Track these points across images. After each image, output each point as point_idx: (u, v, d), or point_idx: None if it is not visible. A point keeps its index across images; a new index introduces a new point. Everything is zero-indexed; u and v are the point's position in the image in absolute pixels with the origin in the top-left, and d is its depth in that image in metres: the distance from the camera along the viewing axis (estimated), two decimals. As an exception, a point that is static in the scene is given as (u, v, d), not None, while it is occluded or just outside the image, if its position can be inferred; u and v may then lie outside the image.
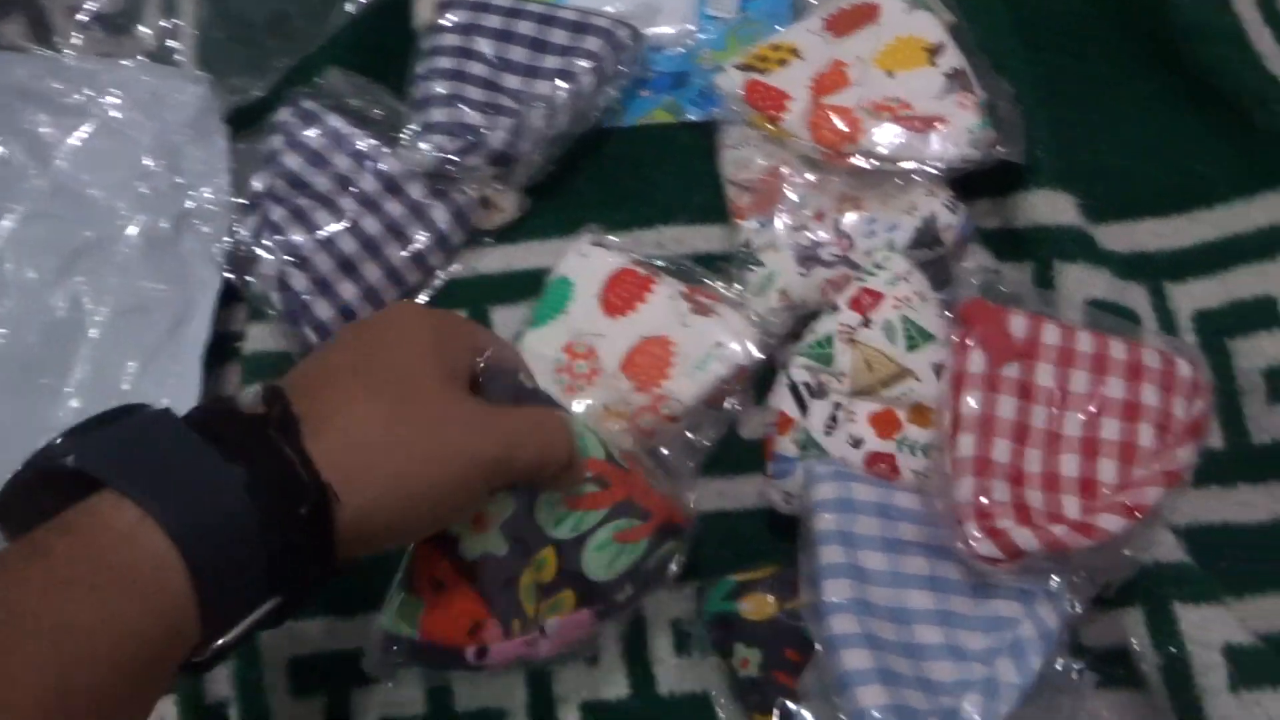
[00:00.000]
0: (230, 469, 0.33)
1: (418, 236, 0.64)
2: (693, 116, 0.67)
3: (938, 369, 0.54)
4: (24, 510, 0.34)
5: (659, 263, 0.62)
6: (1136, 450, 0.50)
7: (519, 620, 0.45)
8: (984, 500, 0.49)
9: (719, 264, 0.62)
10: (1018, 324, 0.53)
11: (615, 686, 0.54)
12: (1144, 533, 0.50)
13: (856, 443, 0.54)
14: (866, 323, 0.55)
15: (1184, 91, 0.63)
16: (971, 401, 0.51)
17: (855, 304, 0.56)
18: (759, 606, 0.52)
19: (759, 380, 0.59)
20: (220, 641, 0.34)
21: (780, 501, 0.55)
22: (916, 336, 0.54)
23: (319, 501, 0.35)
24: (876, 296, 0.55)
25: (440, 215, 0.64)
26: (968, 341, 0.53)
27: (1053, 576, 0.48)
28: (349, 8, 0.69)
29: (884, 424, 0.54)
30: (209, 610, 0.33)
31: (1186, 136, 0.62)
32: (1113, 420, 0.51)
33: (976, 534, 0.48)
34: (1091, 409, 0.52)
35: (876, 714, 0.44)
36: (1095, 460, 0.51)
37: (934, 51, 0.60)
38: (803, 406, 0.55)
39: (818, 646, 0.46)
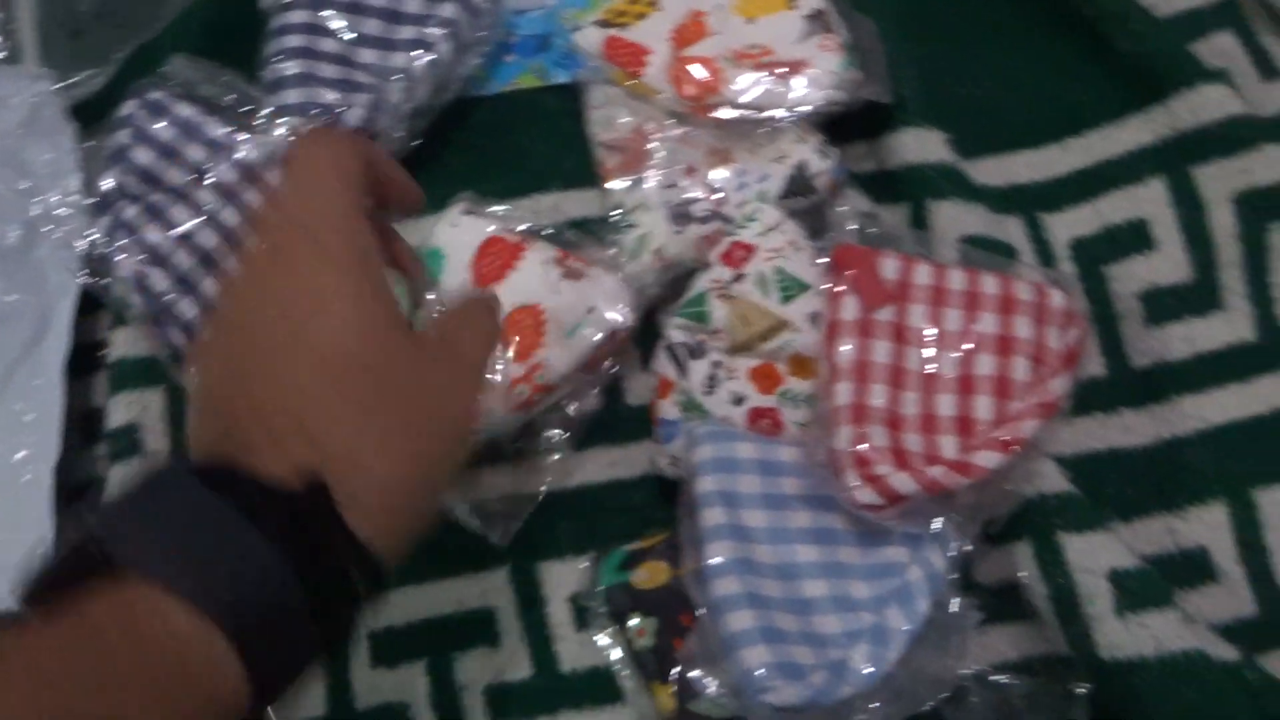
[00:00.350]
0: (275, 552, 0.32)
1: (283, 224, 0.61)
2: (560, 79, 0.65)
3: (815, 318, 0.53)
4: (53, 589, 0.31)
5: (533, 229, 0.60)
6: (1012, 384, 0.50)
7: None
8: (861, 447, 0.48)
9: (594, 228, 0.60)
10: (889, 266, 0.52)
11: (518, 668, 0.54)
12: (1024, 466, 0.50)
13: (738, 400, 0.53)
14: (739, 277, 0.54)
15: (1048, 19, 0.62)
16: (846, 349, 0.50)
17: (727, 258, 0.55)
18: (652, 574, 0.51)
19: (646, 344, 0.58)
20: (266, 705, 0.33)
21: (666, 466, 0.54)
22: (791, 287, 0.53)
23: (368, 570, 0.34)
24: (749, 249, 0.54)
25: (304, 200, 0.61)
26: (840, 288, 0.52)
27: (936, 519, 0.48)
28: (193, -11, 0.66)
29: (764, 379, 0.53)
30: (261, 690, 0.32)
31: (1053, 64, 0.62)
32: (987, 356, 0.51)
33: (855, 481, 0.47)
34: (966, 347, 0.51)
35: (762, 673, 0.43)
36: (971, 398, 0.50)
37: (793, -6, 0.58)
38: (681, 368, 0.54)
39: (701, 611, 0.46)
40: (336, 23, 0.62)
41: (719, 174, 0.58)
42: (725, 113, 0.57)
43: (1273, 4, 0.59)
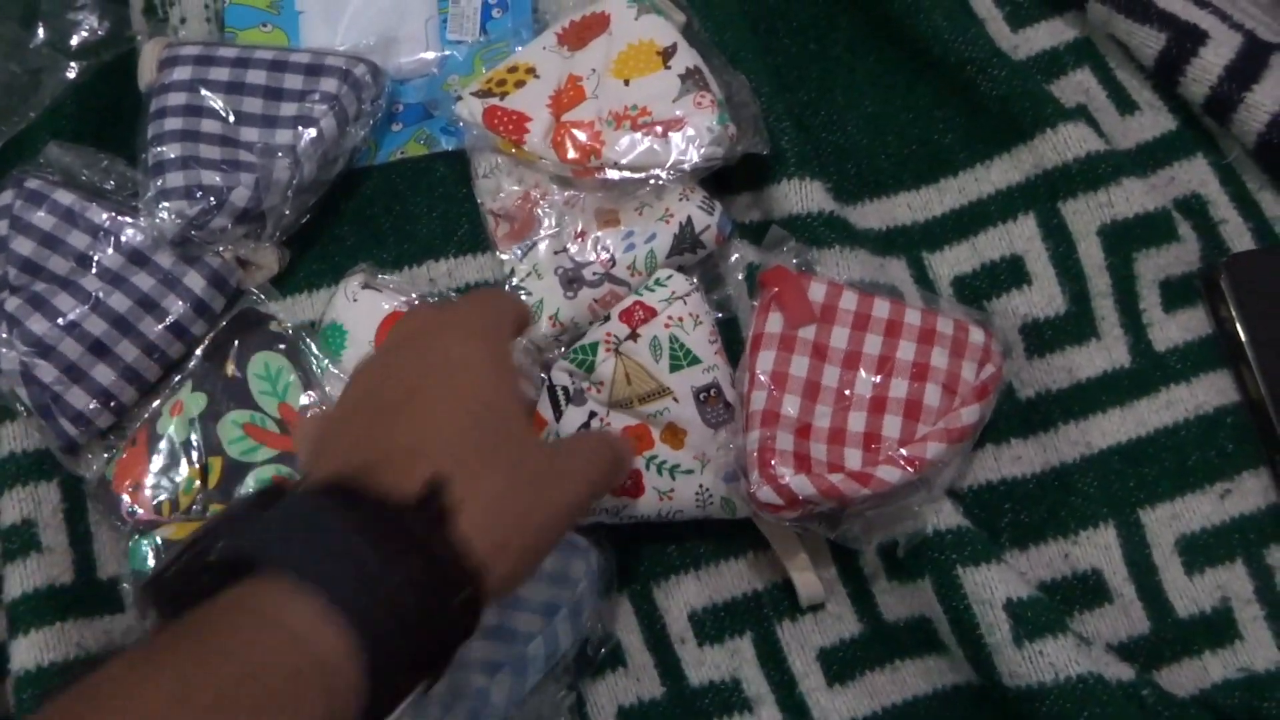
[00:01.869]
0: (396, 563, 0.33)
1: (174, 307, 0.61)
2: (447, 146, 0.65)
3: (697, 393, 0.53)
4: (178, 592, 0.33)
5: (428, 298, 0.60)
6: (922, 408, 0.52)
7: None
8: (767, 450, 0.50)
9: (489, 294, 0.61)
10: (817, 290, 0.54)
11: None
12: (926, 489, 0.52)
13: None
14: (634, 336, 0.55)
15: (911, 65, 0.64)
16: (765, 360, 0.52)
17: (626, 316, 0.55)
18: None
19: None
20: None
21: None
22: (681, 358, 0.54)
23: (473, 593, 0.35)
24: (650, 312, 0.55)
25: (195, 281, 0.61)
26: (768, 304, 0.54)
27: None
28: (70, 74, 0.65)
29: (636, 439, 0.54)
30: (374, 706, 0.32)
31: (918, 109, 0.64)
32: (901, 380, 0.53)
33: (756, 479, 0.49)
34: (881, 371, 0.53)
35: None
36: (881, 417, 0.52)
37: (667, 54, 0.60)
38: (558, 410, 0.55)
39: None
40: (216, 103, 0.62)
41: (608, 236, 0.59)
42: (609, 175, 0.58)
43: (1125, 40, 0.61)
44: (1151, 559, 0.54)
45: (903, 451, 0.51)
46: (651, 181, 0.58)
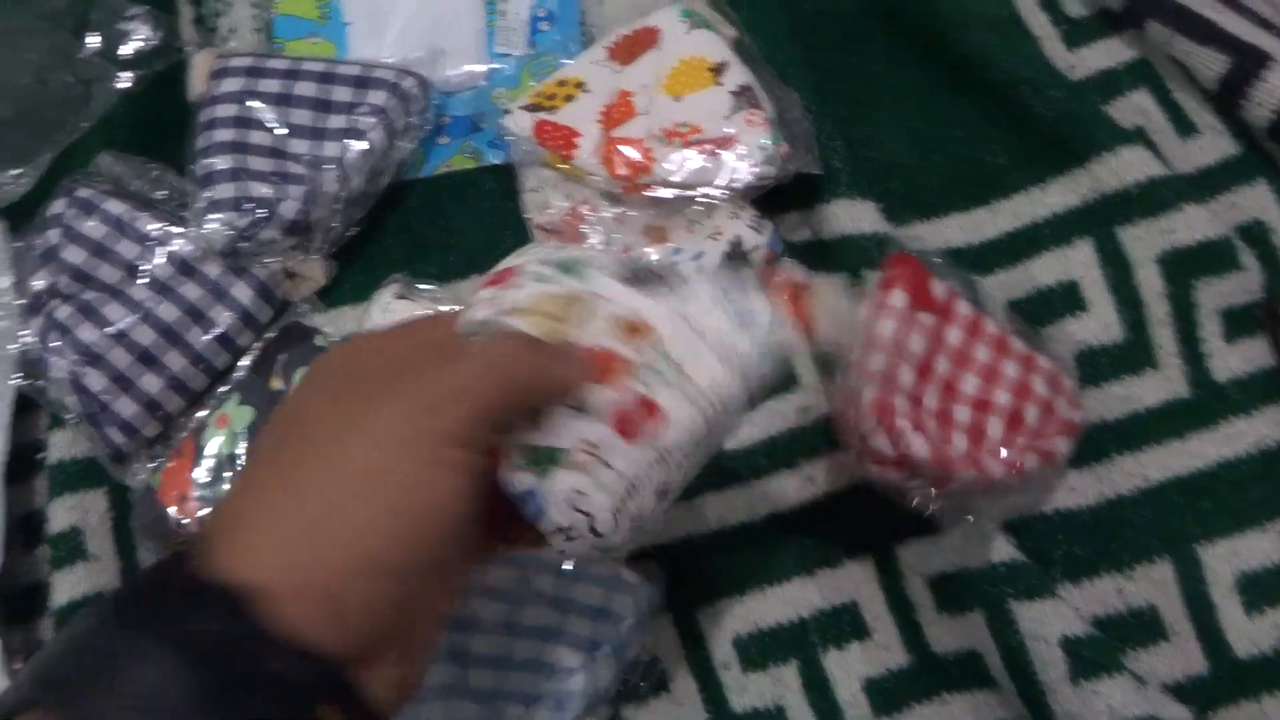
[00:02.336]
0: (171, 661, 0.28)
1: (220, 317, 0.61)
2: (493, 159, 0.65)
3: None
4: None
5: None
6: (1023, 422, 0.52)
7: None
8: (886, 404, 0.49)
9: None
10: (939, 288, 0.54)
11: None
12: (1001, 495, 0.52)
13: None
14: None
15: (960, 81, 0.63)
16: (885, 326, 0.51)
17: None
18: None
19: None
20: None
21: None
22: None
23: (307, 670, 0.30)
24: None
25: (243, 293, 0.61)
26: (892, 281, 0.53)
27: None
28: (117, 85, 0.65)
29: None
30: None
31: (971, 129, 0.63)
32: (1004, 392, 0.52)
33: (873, 427, 0.49)
34: (988, 377, 0.53)
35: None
36: (986, 416, 0.52)
37: (718, 70, 0.59)
38: None
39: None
40: (266, 114, 0.62)
41: (655, 253, 0.58)
42: (658, 192, 0.57)
43: (1185, 61, 0.60)
44: (1209, 596, 0.53)
45: (1004, 452, 0.51)
46: (701, 199, 0.57)
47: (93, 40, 0.65)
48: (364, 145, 0.62)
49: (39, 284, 0.61)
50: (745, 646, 0.56)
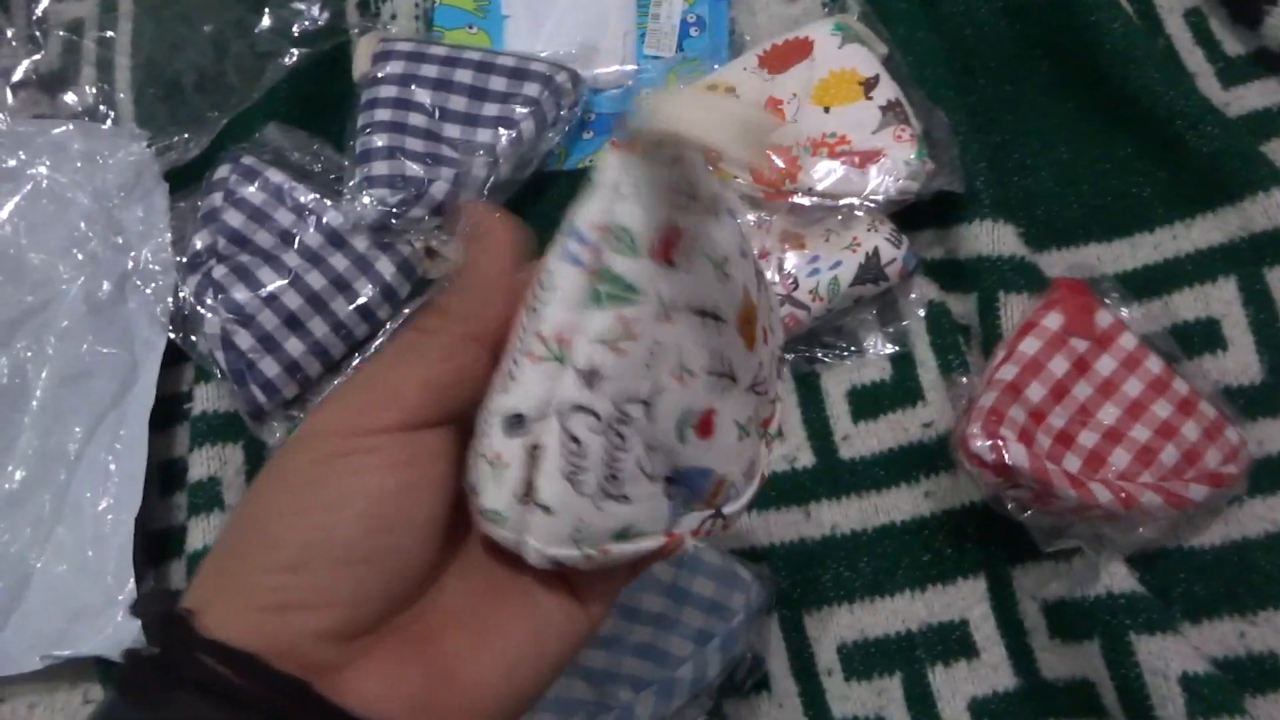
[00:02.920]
0: None
1: (364, 290, 0.63)
2: (635, 157, 0.66)
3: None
4: None
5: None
6: (1155, 460, 0.52)
7: None
8: (998, 411, 0.50)
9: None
10: (1103, 317, 0.55)
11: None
12: (1128, 528, 0.52)
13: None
14: None
15: (1115, 114, 0.63)
16: (1029, 343, 0.53)
17: None
18: None
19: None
20: None
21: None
22: None
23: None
24: None
25: (386, 267, 0.63)
26: (1052, 304, 0.54)
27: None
28: (286, 61, 0.68)
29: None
30: None
31: (1120, 159, 0.62)
32: (1145, 429, 0.53)
33: (977, 430, 0.50)
34: (1131, 411, 0.53)
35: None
36: (1113, 446, 0.52)
37: (869, 85, 0.60)
38: None
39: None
40: (424, 98, 0.65)
41: (792, 259, 0.59)
42: (800, 199, 0.58)
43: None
44: (1336, 649, 0.52)
45: (1121, 482, 0.51)
46: (842, 210, 0.58)
47: (268, 17, 0.69)
48: (515, 134, 0.64)
49: (199, 243, 0.64)
50: (850, 655, 0.56)
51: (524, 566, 0.30)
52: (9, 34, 0.70)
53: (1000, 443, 0.49)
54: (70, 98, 0.71)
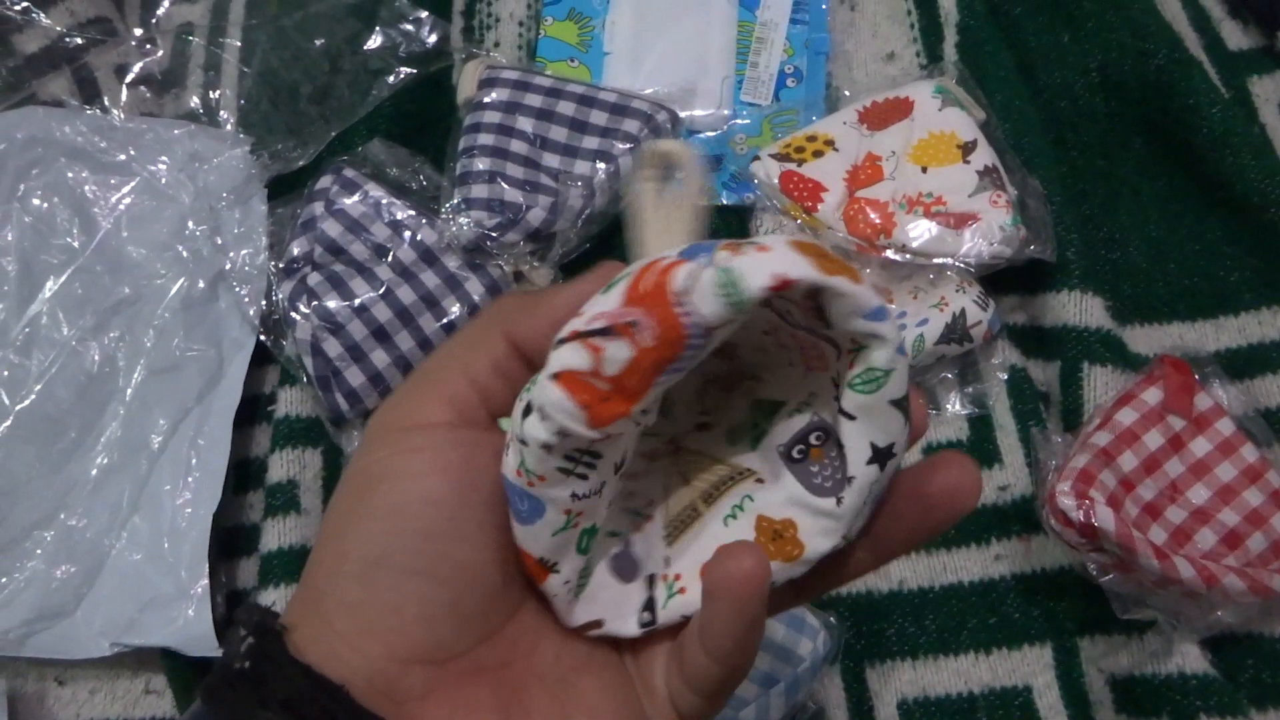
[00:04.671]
0: None
1: (452, 308, 0.64)
2: (725, 200, 0.68)
3: (789, 451, 0.32)
4: None
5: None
6: (1241, 544, 0.53)
7: None
8: (1090, 473, 0.51)
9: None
10: (1203, 400, 0.55)
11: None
12: (1208, 609, 0.52)
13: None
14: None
15: (1208, 197, 0.64)
16: (1127, 414, 0.54)
17: None
18: None
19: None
20: None
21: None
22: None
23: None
24: None
25: (475, 288, 0.65)
26: (1154, 379, 0.55)
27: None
28: (392, 79, 0.70)
29: None
30: None
31: (1210, 241, 0.63)
32: (1234, 513, 0.53)
33: (1066, 489, 0.50)
34: (1222, 494, 0.54)
35: None
36: (1200, 526, 0.53)
37: (967, 149, 0.61)
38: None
39: None
40: (527, 126, 0.66)
41: (880, 312, 0.60)
42: (893, 255, 0.59)
43: None
44: (1403, 748, 0.52)
45: (1205, 561, 0.51)
46: (933, 269, 0.59)
47: (378, 35, 0.70)
48: (612, 168, 0.65)
49: (297, 250, 0.65)
50: (910, 711, 0.56)
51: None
52: (136, 33, 0.72)
53: (1088, 503, 0.49)
54: (178, 99, 0.73)
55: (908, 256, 0.59)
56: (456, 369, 0.29)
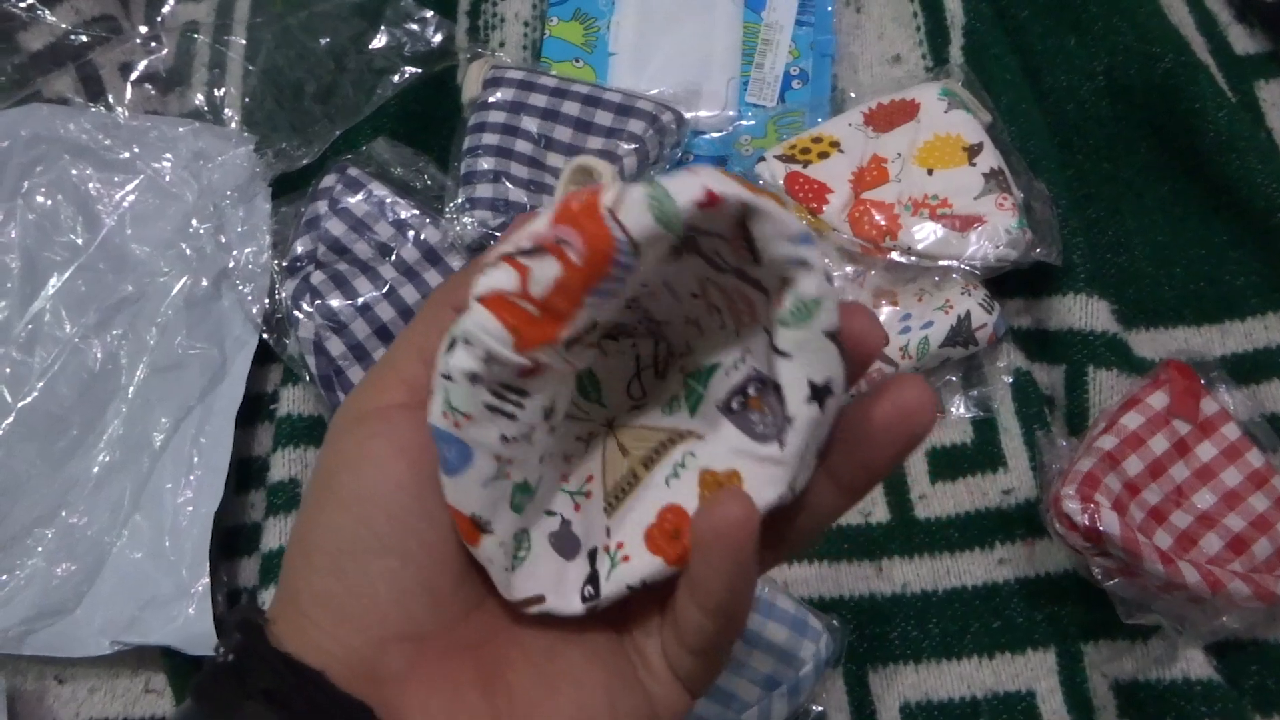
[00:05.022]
0: None
1: (454, 307, 0.64)
2: (731, 201, 0.67)
3: (728, 403, 0.31)
4: None
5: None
6: (1247, 550, 0.52)
7: None
8: (1095, 477, 0.51)
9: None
10: (1209, 404, 0.55)
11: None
12: (1213, 614, 0.52)
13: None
14: None
15: (1214, 201, 0.64)
16: (1132, 418, 0.54)
17: None
18: None
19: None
20: None
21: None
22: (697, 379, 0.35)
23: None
24: None
25: (477, 287, 0.64)
26: (1159, 383, 0.55)
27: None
28: (397, 79, 0.70)
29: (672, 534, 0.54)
30: None
31: (1216, 246, 0.63)
32: (1240, 519, 0.53)
33: (1071, 492, 0.50)
34: (1227, 500, 0.54)
35: None
36: (1205, 531, 0.53)
37: (973, 151, 0.61)
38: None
39: None
40: (532, 127, 0.66)
41: (884, 315, 0.59)
42: (898, 257, 0.59)
43: None
44: None
45: (1210, 566, 0.51)
46: (938, 272, 0.59)
47: (383, 35, 0.70)
48: (617, 168, 0.65)
49: (300, 248, 0.65)
50: (913, 715, 0.56)
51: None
52: (141, 31, 0.72)
53: (1093, 507, 0.49)
54: (182, 97, 0.73)
55: (913, 259, 0.59)
56: (410, 351, 0.29)
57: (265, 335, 0.65)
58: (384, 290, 0.63)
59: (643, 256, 0.24)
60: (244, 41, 0.73)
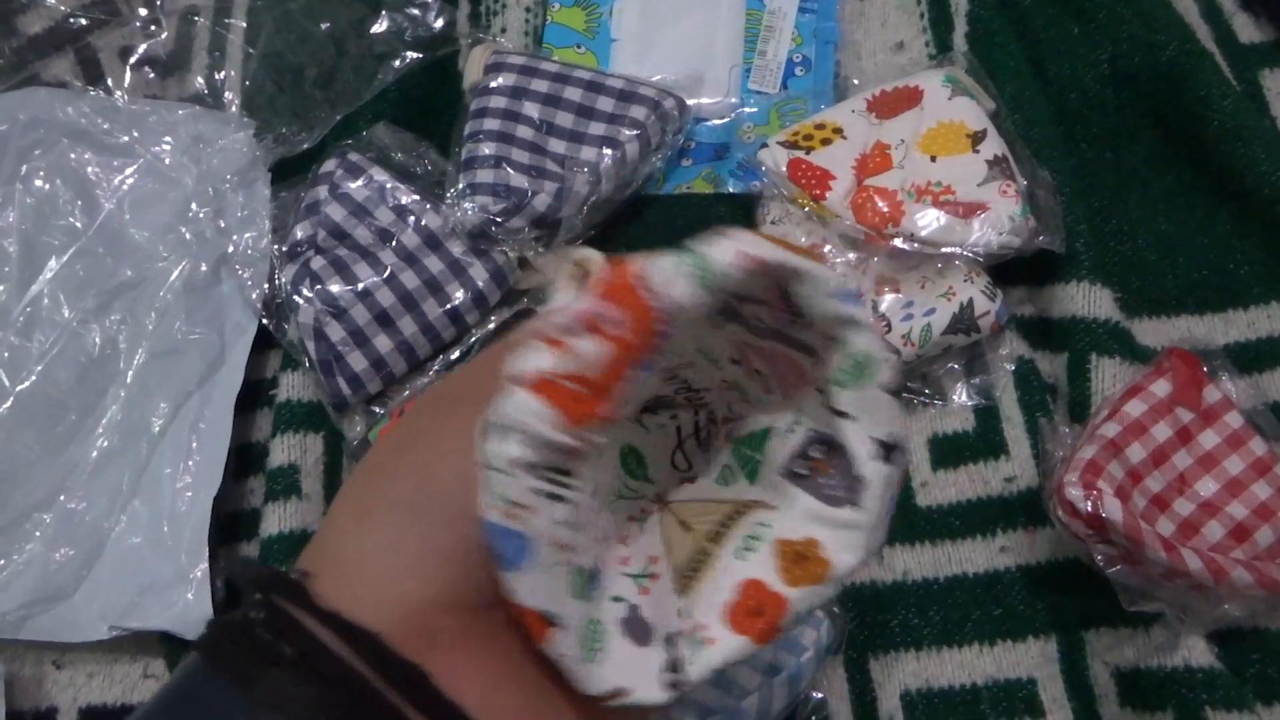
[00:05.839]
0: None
1: (455, 294, 0.64)
2: (732, 188, 0.67)
3: (789, 467, 0.32)
4: None
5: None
6: (1249, 538, 0.52)
7: None
8: (1098, 464, 0.50)
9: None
10: (1211, 393, 0.55)
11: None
12: (1215, 602, 0.51)
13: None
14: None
15: (1218, 190, 0.63)
16: (1135, 406, 0.53)
17: None
18: None
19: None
20: None
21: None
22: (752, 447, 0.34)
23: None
24: None
25: (479, 273, 0.64)
26: (1162, 371, 0.55)
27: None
28: (398, 64, 0.70)
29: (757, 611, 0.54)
30: None
31: (1219, 235, 0.63)
32: (1242, 506, 0.53)
33: (1074, 479, 0.50)
34: (1230, 488, 0.53)
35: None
36: (1208, 519, 0.52)
37: (976, 138, 0.60)
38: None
39: None
40: (533, 112, 0.66)
41: (886, 302, 0.59)
42: (901, 244, 0.59)
43: None
44: None
45: (1212, 554, 0.51)
46: (941, 259, 0.59)
47: (384, 20, 0.70)
48: (619, 155, 0.64)
49: (300, 233, 0.65)
50: (913, 703, 0.56)
51: None
52: (140, 14, 0.72)
53: (1096, 494, 0.49)
54: (182, 81, 0.72)
55: (916, 246, 0.59)
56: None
57: (265, 320, 0.65)
58: (384, 275, 0.63)
59: (681, 326, 0.24)
60: (244, 25, 0.73)
